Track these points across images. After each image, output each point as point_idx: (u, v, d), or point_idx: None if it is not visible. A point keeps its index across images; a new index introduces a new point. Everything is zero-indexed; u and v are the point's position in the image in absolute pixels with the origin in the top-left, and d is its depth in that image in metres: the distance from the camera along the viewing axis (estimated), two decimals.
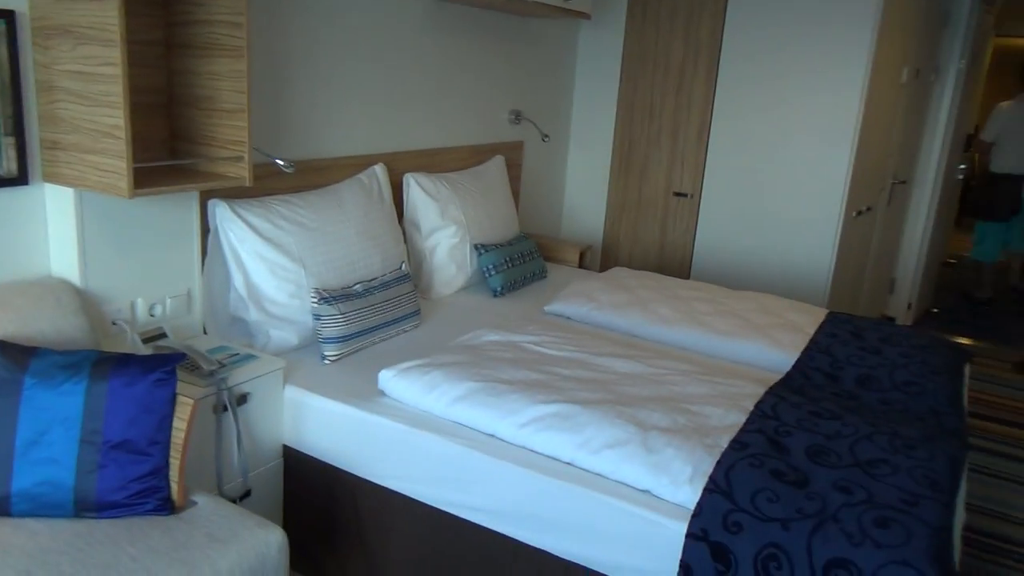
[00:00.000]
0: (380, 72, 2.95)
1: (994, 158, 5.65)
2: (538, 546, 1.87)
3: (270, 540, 1.69)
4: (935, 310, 5.78)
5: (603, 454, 1.84)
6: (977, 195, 5.86)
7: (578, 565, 1.83)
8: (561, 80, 4.27)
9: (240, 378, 2.07)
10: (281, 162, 2.37)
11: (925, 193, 5.11)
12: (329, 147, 2.79)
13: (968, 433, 2.16)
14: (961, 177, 5.72)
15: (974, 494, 3.07)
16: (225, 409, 2.02)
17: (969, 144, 5.79)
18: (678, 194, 4.19)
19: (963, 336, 5.21)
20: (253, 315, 2.33)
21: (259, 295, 2.34)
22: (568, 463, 1.88)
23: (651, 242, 4.34)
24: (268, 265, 2.33)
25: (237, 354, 2.19)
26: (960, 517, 1.79)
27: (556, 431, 1.90)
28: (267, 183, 2.50)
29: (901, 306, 5.27)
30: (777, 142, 3.87)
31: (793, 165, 3.84)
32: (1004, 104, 5.64)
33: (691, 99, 4.06)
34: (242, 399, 2.07)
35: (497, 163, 3.59)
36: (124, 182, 1.83)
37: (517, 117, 3.88)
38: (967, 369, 2.67)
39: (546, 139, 4.15)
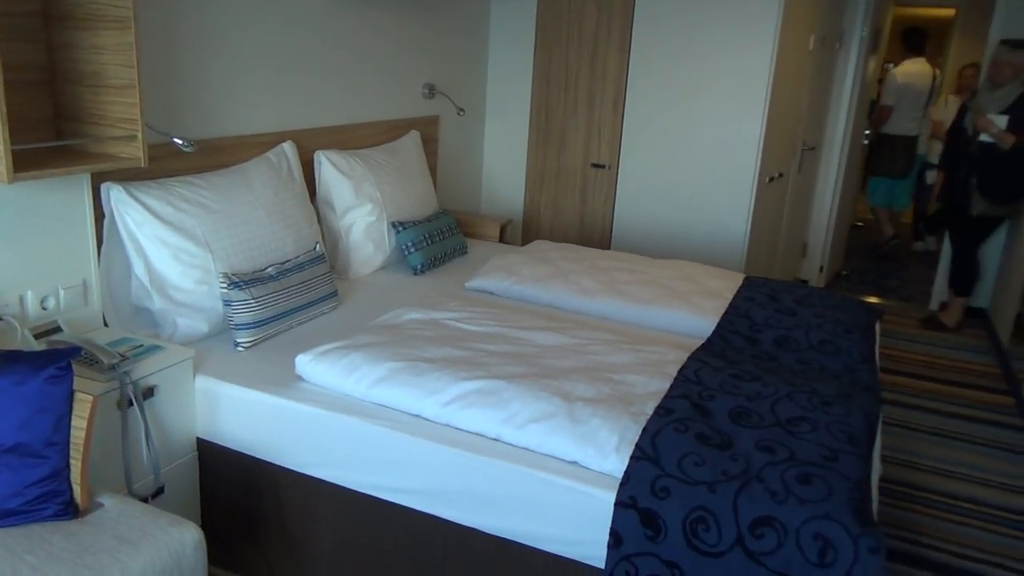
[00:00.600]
0: (286, 45, 2.82)
1: (888, 120, 5.99)
2: (468, 524, 1.84)
3: (185, 538, 1.61)
4: (845, 272, 6.00)
5: (529, 428, 1.81)
6: (876, 154, 6.18)
7: (509, 540, 1.81)
8: (475, 52, 4.19)
9: (145, 370, 1.95)
10: (180, 141, 2.24)
11: (833, 158, 5.27)
12: (233, 125, 2.65)
13: (881, 388, 2.23)
14: (866, 142, 5.95)
15: (887, 445, 3.20)
16: (131, 404, 1.91)
17: (872, 110, 6.04)
18: (596, 165, 4.19)
19: (872, 295, 5.43)
20: (157, 304, 2.21)
21: (163, 282, 2.21)
22: (494, 439, 1.85)
23: (571, 214, 4.34)
24: (171, 250, 2.21)
25: (141, 345, 2.07)
26: (877, 469, 1.85)
27: (481, 407, 1.87)
28: (166, 164, 2.36)
29: (813, 269, 5.44)
30: (691, 112, 3.90)
31: (707, 134, 3.88)
32: (895, 70, 5.94)
33: (606, 69, 4.05)
34: (149, 392, 1.96)
35: (412, 138, 3.51)
36: (2, 166, 1.69)
37: (431, 91, 3.79)
38: (878, 327, 2.76)
39: (461, 113, 4.07)
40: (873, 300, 5.29)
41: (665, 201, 4.05)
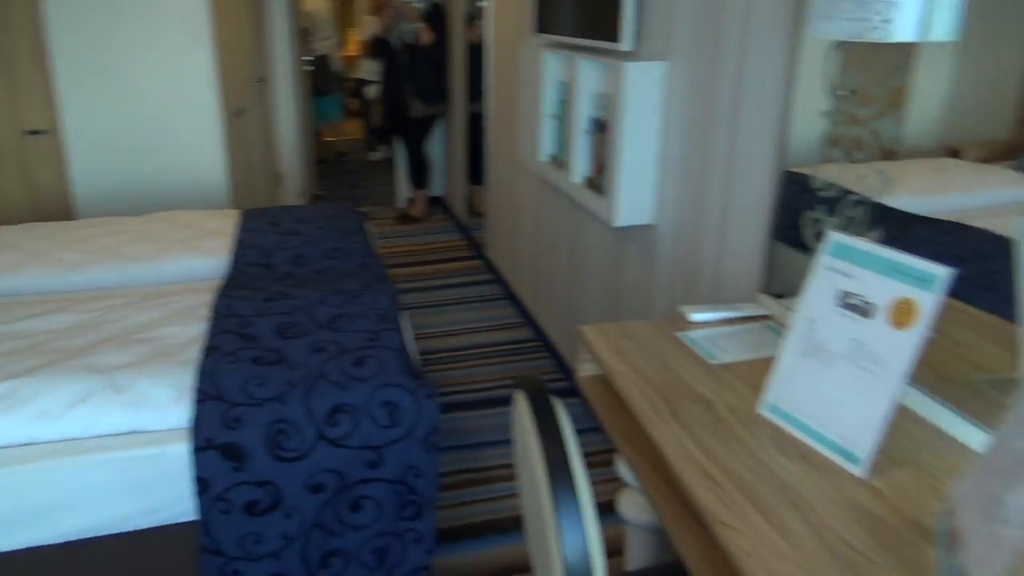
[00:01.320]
0: None
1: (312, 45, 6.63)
2: (27, 545, 1.62)
3: None
4: (320, 193, 6.37)
5: (69, 415, 1.64)
6: (313, 78, 6.73)
7: (87, 540, 1.65)
8: None
9: None
10: None
11: (284, 88, 5.46)
12: None
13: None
14: (312, 69, 6.32)
15: None
16: None
17: (307, 38, 6.40)
18: (33, 132, 3.66)
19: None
20: None
21: None
22: (27, 443, 1.63)
23: (16, 193, 3.74)
24: None
25: None
26: (411, 337, 2.13)
27: (1, 416, 1.62)
28: None
29: (291, 196, 5.66)
30: (137, 59, 3.64)
31: (162, 81, 3.68)
32: None
33: (12, 22, 3.49)
34: None
35: None
36: None
37: None
38: (368, 227, 3.08)
39: None
40: None
41: (132, 156, 3.76)
